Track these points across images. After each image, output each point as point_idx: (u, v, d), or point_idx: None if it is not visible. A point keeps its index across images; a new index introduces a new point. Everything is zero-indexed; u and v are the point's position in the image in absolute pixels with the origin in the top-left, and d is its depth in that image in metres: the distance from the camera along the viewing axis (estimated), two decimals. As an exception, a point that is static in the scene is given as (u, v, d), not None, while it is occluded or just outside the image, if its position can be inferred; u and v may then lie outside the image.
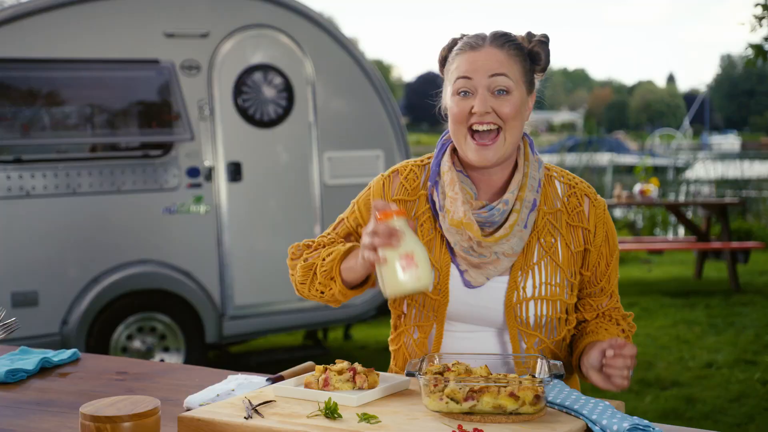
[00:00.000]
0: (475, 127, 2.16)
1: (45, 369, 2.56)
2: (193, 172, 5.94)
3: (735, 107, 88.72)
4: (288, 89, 6.22)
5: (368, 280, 2.25)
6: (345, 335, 7.38)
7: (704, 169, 17.06)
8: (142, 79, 5.97)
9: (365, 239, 2.01)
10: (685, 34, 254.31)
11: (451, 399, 1.87)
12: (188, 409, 2.12)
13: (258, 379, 2.28)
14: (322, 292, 2.29)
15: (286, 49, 6.23)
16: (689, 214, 13.24)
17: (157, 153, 5.89)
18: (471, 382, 1.87)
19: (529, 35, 2.25)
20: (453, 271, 2.23)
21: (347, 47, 6.39)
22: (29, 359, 2.55)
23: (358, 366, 2.10)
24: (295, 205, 6.25)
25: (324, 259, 2.25)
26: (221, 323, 6.01)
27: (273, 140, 6.19)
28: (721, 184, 15.96)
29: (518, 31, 2.30)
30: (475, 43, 2.18)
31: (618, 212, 15.09)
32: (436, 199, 2.24)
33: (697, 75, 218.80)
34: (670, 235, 13.93)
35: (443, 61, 2.28)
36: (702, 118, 74.67)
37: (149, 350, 5.92)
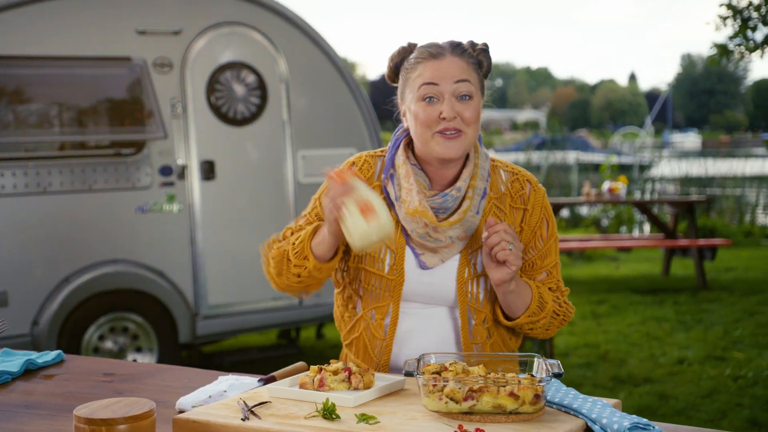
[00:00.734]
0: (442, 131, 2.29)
1: (29, 371, 2.52)
2: (165, 170, 5.89)
3: (695, 106, 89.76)
4: (261, 87, 6.18)
5: (338, 252, 2.36)
6: (317, 334, 7.36)
7: (669, 167, 17.23)
8: (114, 76, 5.90)
9: (325, 201, 2.20)
10: (646, 34, 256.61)
11: (451, 399, 1.86)
12: (181, 411, 2.10)
13: (249, 380, 2.26)
14: (299, 275, 2.38)
15: (259, 46, 6.19)
16: (654, 211, 13.35)
17: (129, 151, 5.83)
18: (470, 382, 1.87)
19: (472, 44, 2.39)
20: (408, 253, 2.37)
21: (321, 45, 6.37)
22: (13, 361, 2.51)
23: (353, 366, 2.10)
24: (269, 203, 6.22)
25: (294, 243, 2.37)
26: (195, 323, 5.97)
27: (246, 138, 6.15)
28: (686, 182, 16.12)
29: (464, 36, 2.43)
30: (436, 52, 2.31)
31: (584, 210, 15.20)
32: (390, 190, 2.38)
33: (658, 74, 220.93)
34: (636, 233, 14.04)
35: (396, 68, 2.40)
36: (664, 116, 75.41)
37: (121, 350, 5.86)
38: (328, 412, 1.88)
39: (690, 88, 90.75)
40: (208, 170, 6.00)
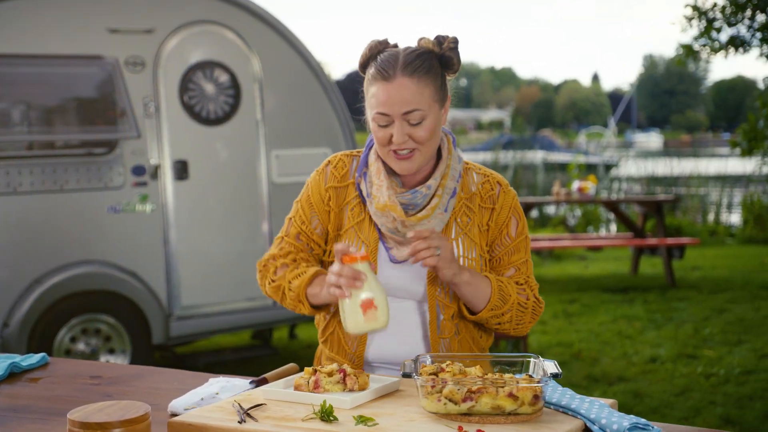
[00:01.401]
0: (397, 152, 2.33)
1: (13, 374, 2.48)
2: (138, 170, 5.83)
3: (657, 106, 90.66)
4: (235, 86, 6.14)
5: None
6: (290, 335, 7.33)
7: (635, 167, 17.37)
8: (85, 75, 5.83)
9: (331, 278, 2.19)
10: (608, 34, 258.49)
11: (450, 400, 1.86)
12: (173, 414, 2.08)
13: (240, 382, 2.25)
14: (295, 308, 2.45)
15: (232, 45, 6.15)
16: (623, 211, 13.44)
17: (102, 151, 5.77)
18: (469, 383, 1.86)
19: (439, 40, 2.37)
20: (380, 247, 2.42)
21: (294, 44, 6.33)
22: (-2, 365, 2.47)
23: (348, 368, 2.09)
24: (243, 203, 6.18)
25: (291, 282, 2.41)
26: (168, 324, 5.91)
27: (220, 138, 6.11)
28: (651, 181, 16.26)
29: (427, 35, 2.40)
30: (386, 72, 2.29)
31: (551, 210, 15.28)
32: (363, 188, 2.43)
33: (620, 74, 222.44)
34: (603, 232, 14.14)
35: (363, 67, 2.40)
36: (629, 116, 76.08)
37: (94, 352, 5.79)
38: (326, 414, 1.87)
39: (652, 89, 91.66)
40: (182, 170, 5.95)
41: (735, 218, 15.29)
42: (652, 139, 61.73)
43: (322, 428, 1.83)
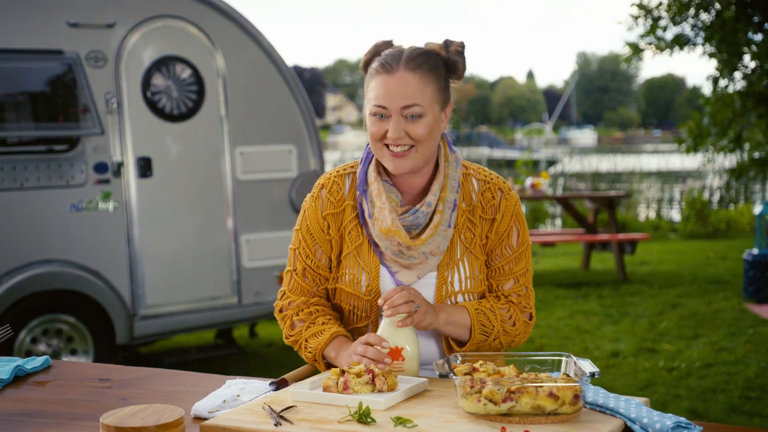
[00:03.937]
0: (391, 148, 2.26)
1: (17, 377, 2.41)
2: (100, 167, 5.72)
3: (590, 103, 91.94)
4: (198, 82, 6.05)
5: None
6: (250, 333, 7.25)
7: (579, 163, 17.61)
8: (45, 70, 5.70)
9: (359, 348, 2.17)
10: (542, 32, 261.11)
11: (489, 400, 1.84)
12: (197, 417, 2.04)
13: (259, 383, 2.22)
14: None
15: (195, 40, 6.06)
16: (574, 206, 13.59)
17: (63, 148, 5.64)
18: (508, 383, 1.85)
19: (447, 44, 2.34)
20: (383, 272, 2.33)
21: (258, 39, 6.27)
22: (2, 368, 2.40)
23: (376, 368, 2.07)
24: (207, 201, 6.10)
25: (307, 341, 2.36)
26: (132, 323, 5.81)
27: (184, 134, 6.02)
28: (596, 177, 16.50)
29: (435, 39, 2.39)
30: (389, 65, 2.24)
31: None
32: (365, 207, 2.33)
33: (554, 71, 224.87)
34: (549, 227, 14.28)
35: (367, 64, 2.33)
36: (566, 113, 77.01)
37: (55, 353, 5.67)
38: (364, 416, 1.85)
39: (586, 86, 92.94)
40: (145, 167, 5.85)
41: (674, 214, 15.58)
42: (586, 136, 62.64)
43: (361, 430, 1.81)
